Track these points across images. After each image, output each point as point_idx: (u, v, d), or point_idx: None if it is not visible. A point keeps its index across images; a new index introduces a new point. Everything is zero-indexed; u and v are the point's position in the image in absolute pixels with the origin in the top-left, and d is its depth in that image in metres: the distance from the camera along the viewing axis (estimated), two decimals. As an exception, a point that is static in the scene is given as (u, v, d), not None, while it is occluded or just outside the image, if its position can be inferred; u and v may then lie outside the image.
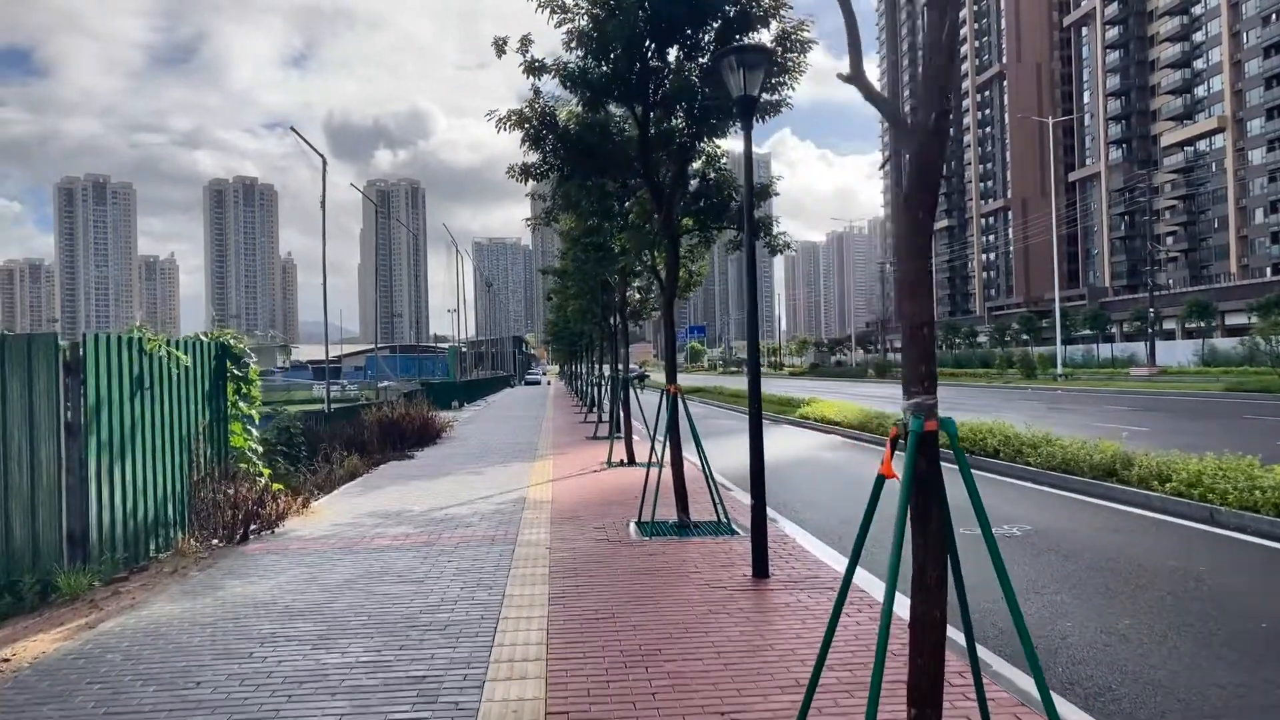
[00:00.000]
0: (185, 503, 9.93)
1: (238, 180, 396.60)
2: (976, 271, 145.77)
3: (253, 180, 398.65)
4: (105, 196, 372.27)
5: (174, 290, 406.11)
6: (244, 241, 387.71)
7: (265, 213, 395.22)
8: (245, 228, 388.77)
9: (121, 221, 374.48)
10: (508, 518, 10.63)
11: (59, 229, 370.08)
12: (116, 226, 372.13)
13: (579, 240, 20.61)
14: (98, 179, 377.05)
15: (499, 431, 25.33)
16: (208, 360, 10.79)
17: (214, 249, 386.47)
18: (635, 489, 12.67)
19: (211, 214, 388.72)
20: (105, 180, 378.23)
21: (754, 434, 7.65)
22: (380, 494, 12.97)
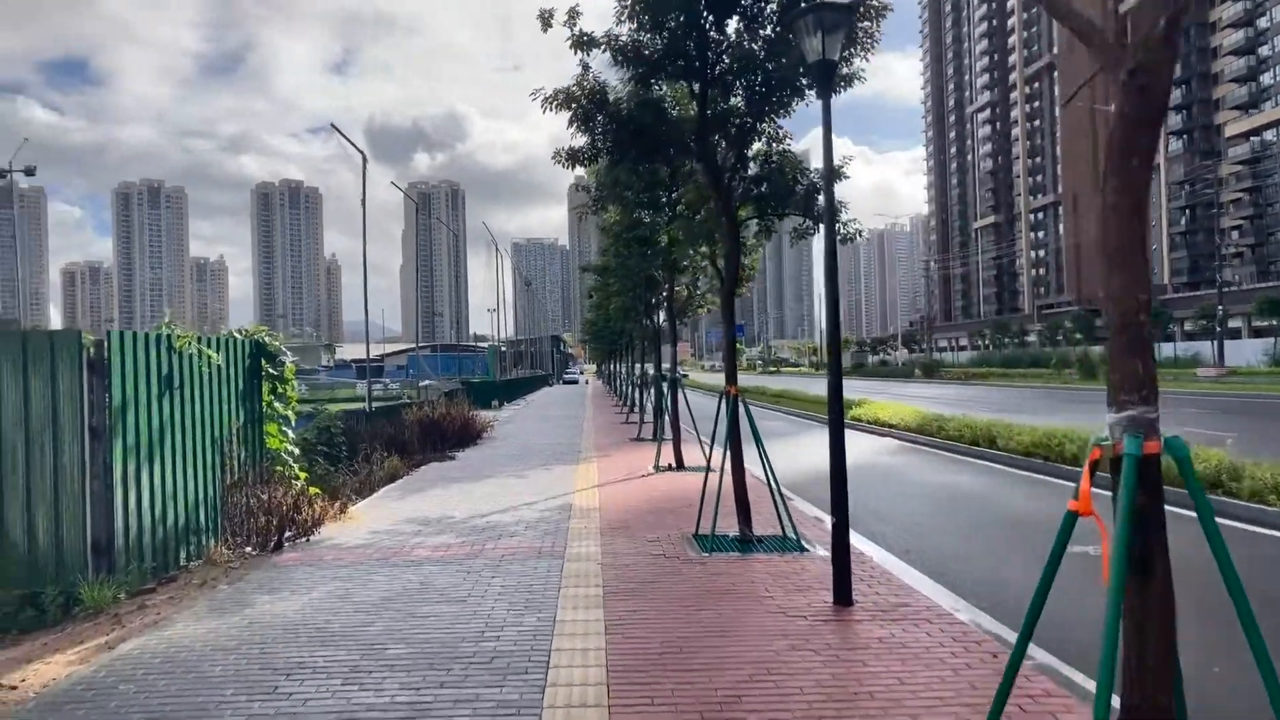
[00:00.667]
0: (218, 508, 9.40)
1: (284, 184, 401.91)
2: (1025, 269, 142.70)
3: (298, 183, 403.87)
4: (159, 200, 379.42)
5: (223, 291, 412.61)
6: (290, 243, 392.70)
7: (310, 215, 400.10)
8: (291, 230, 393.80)
9: (174, 225, 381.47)
10: (554, 527, 9.98)
11: (116, 232, 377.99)
12: (170, 229, 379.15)
13: (621, 235, 19.98)
14: (152, 184, 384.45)
15: (540, 432, 24.75)
16: (241, 358, 10.26)
17: (261, 251, 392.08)
18: (687, 497, 11.97)
19: (259, 217, 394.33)
20: (159, 185, 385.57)
21: (835, 442, 6.89)
22: (420, 498, 12.40)
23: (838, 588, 6.78)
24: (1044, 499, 12.80)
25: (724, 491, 9.39)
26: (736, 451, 9.06)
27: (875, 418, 25.16)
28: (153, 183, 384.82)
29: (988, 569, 8.56)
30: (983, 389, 51.78)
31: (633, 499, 11.94)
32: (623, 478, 14.17)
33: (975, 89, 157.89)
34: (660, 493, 12.46)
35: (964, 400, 37.60)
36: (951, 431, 19.91)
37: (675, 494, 12.30)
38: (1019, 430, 17.41)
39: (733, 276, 9.08)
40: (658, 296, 21.42)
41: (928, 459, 17.95)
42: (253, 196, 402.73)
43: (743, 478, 9.11)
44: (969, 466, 16.65)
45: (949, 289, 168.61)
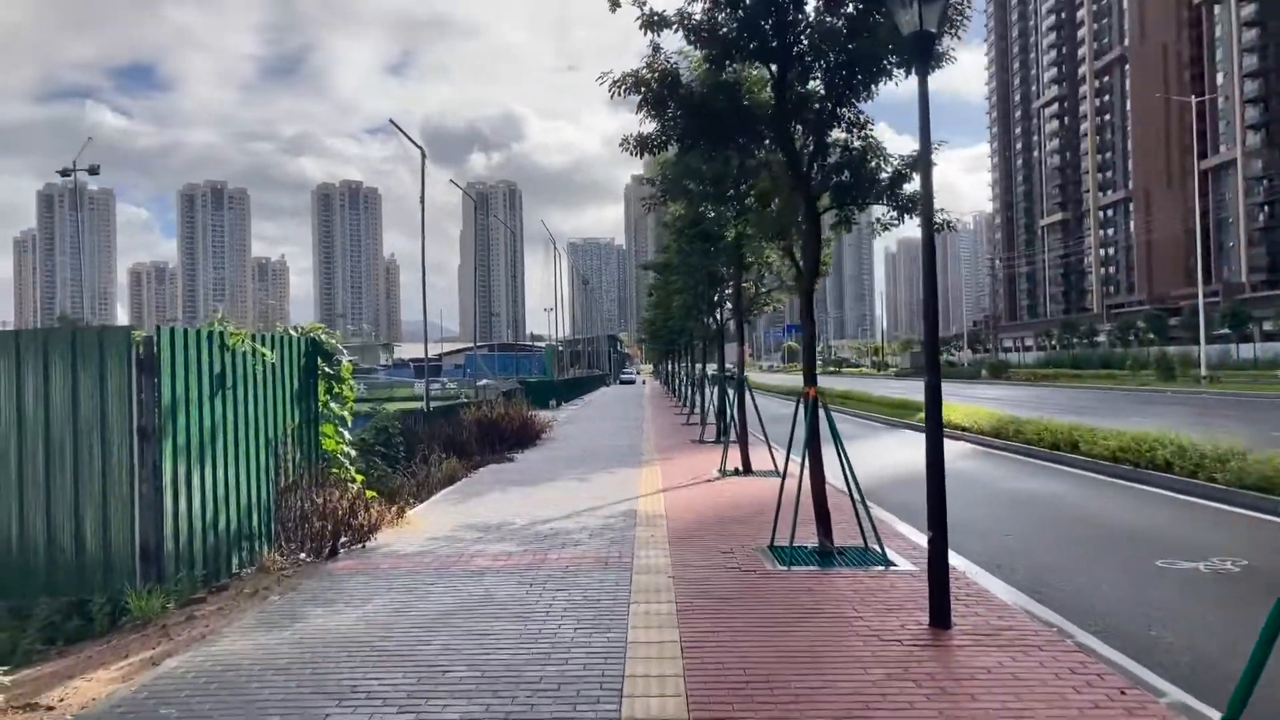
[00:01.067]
0: (271, 513, 9.07)
1: (344, 184, 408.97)
2: (1094, 267, 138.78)
3: (358, 184, 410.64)
4: (222, 202, 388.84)
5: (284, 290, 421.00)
6: (349, 243, 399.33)
7: (369, 215, 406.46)
8: (351, 230, 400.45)
9: (237, 225, 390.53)
10: (619, 535, 9.47)
11: (181, 233, 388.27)
12: (232, 230, 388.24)
13: (684, 231, 19.43)
14: (215, 185, 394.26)
15: (599, 433, 24.31)
16: (296, 357, 9.94)
17: (321, 250, 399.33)
18: (758, 503, 11.38)
19: (319, 217, 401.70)
20: (222, 186, 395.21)
21: (933, 450, 6.26)
22: (479, 502, 11.99)
23: (935, 609, 6.15)
24: (1137, 508, 11.96)
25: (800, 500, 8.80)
26: (816, 458, 8.46)
27: (947, 420, 24.17)
28: (216, 184, 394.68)
29: (1089, 586, 7.83)
30: (1053, 390, 50.17)
31: (700, 505, 11.38)
32: (688, 482, 13.62)
33: (1042, 83, 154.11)
34: (728, 499, 11.88)
35: (1035, 402, 36.30)
36: (1030, 435, 18.99)
37: (744, 500, 11.71)
38: (1104, 434, 16.48)
39: (813, 270, 8.47)
40: (721, 294, 20.84)
41: (1005, 464, 17.10)
42: (313, 197, 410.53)
43: (823, 486, 8.51)
44: (1050, 472, 15.78)
45: (1014, 288, 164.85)
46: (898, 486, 13.43)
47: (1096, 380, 58.81)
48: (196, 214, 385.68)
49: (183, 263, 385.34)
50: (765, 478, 13.86)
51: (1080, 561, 8.91)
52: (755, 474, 14.20)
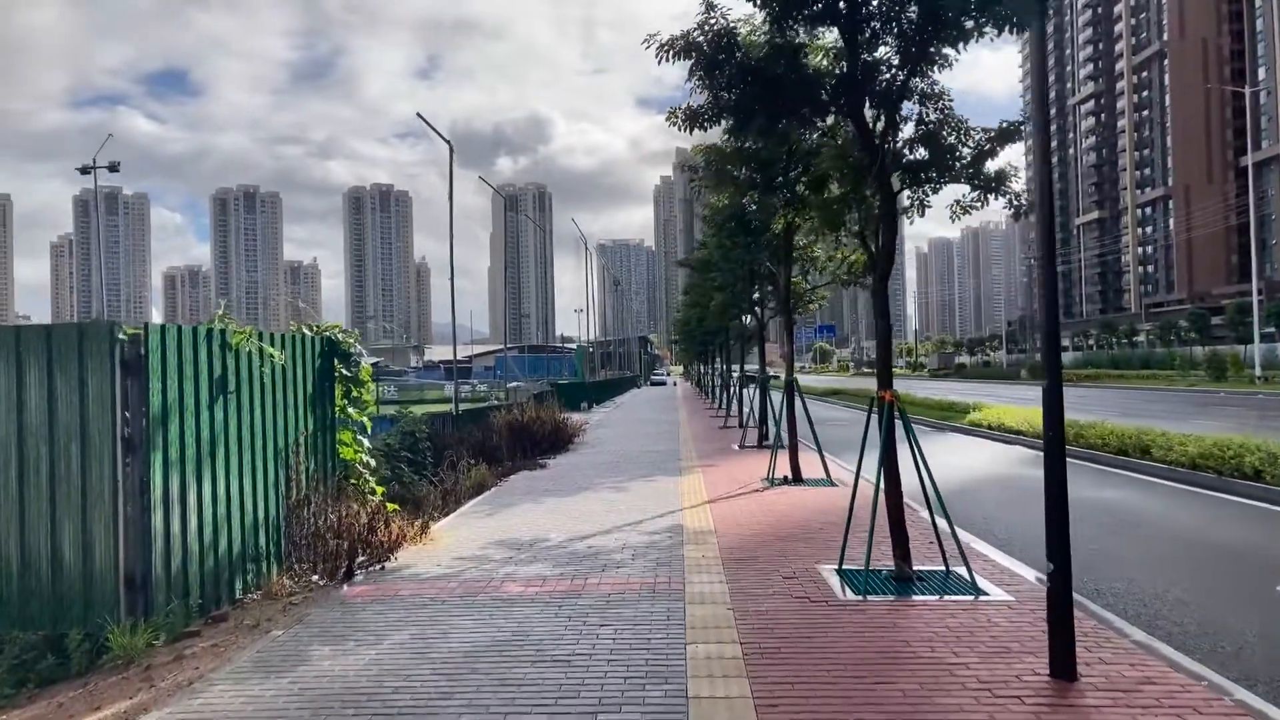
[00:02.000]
0: (280, 531, 8.19)
1: (374, 187, 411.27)
2: (1132, 266, 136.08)
3: (388, 187, 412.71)
4: (255, 205, 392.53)
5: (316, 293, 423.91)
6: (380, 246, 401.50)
7: (400, 218, 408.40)
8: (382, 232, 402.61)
9: (269, 228, 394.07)
10: (666, 554, 8.48)
11: (214, 237, 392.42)
12: (264, 233, 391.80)
13: (724, 225, 18.42)
14: (248, 189, 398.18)
15: (634, 437, 23.33)
16: (311, 358, 9.06)
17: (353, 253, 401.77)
18: (816, 517, 10.35)
19: (350, 220, 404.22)
20: (254, 190, 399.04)
21: (1052, 465, 5.23)
22: (510, 514, 11.05)
23: (1057, 657, 5.11)
24: (1231, 521, 10.80)
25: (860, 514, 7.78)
26: (892, 470, 7.43)
27: (999, 423, 23.05)
28: (248, 188, 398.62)
29: (1212, 619, 6.75)
30: (1098, 391, 48.53)
31: (752, 519, 10.36)
32: (734, 492, 12.60)
33: (1078, 80, 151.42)
34: (782, 512, 10.85)
35: (1081, 404, 34.87)
36: (1093, 439, 17.79)
37: (800, 514, 10.68)
38: (1179, 439, 15.28)
39: (889, 257, 7.44)
40: (762, 290, 19.79)
41: (1073, 472, 15.90)
42: (344, 200, 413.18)
43: (901, 501, 7.47)
44: (1121, 480, 14.59)
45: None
46: (959, 497, 12.34)
47: (1141, 381, 57.00)
48: (229, 217, 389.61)
49: (216, 266, 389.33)
50: (818, 487, 12.83)
51: (1191, 587, 7.81)
52: (806, 483, 13.17)
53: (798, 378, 15.20)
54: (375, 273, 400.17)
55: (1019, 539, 9.79)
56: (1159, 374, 61.64)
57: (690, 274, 34.53)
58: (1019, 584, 7.23)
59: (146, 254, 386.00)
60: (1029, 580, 7.36)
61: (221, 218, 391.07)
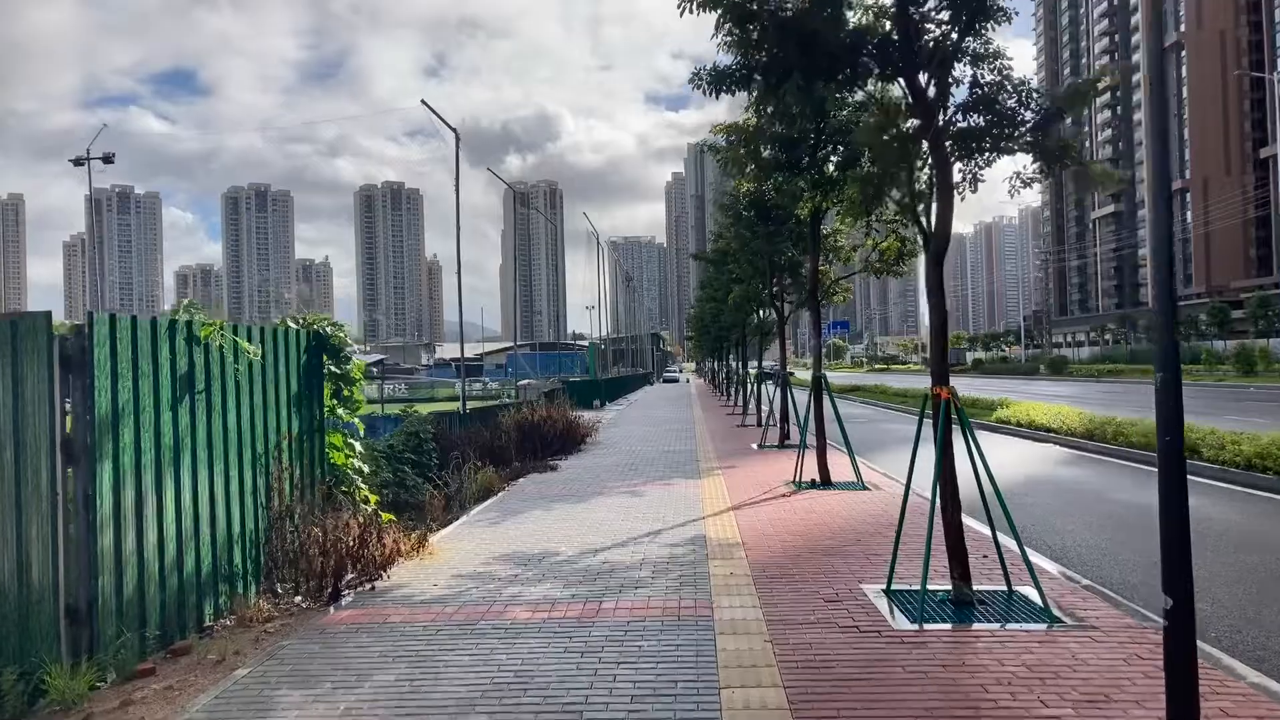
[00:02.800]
0: (259, 546, 7.33)
1: (386, 185, 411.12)
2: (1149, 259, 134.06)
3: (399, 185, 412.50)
4: (266, 204, 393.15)
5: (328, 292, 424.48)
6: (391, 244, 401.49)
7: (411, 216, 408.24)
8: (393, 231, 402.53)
9: (280, 227, 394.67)
10: (689, 571, 7.58)
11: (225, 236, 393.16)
12: (276, 232, 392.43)
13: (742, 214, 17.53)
14: (259, 187, 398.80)
15: (649, 436, 22.43)
16: (296, 353, 8.21)
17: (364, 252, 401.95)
18: (852, 526, 9.43)
19: (362, 218, 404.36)
20: (266, 189, 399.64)
21: (1170, 474, 4.30)
22: (518, 523, 10.17)
23: (1177, 711, 4.18)
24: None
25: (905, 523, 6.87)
26: (950, 477, 6.52)
27: (1028, 420, 22.04)
28: (259, 186, 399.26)
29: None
30: (1122, 386, 47.40)
31: (781, 528, 9.45)
32: (759, 497, 11.69)
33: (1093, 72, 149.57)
34: (814, 520, 9.92)
35: (1107, 399, 33.80)
36: (1134, 437, 16.80)
37: (834, 522, 9.76)
38: (1230, 438, 14.31)
39: (944, 235, 6.51)
40: (782, 282, 18.86)
41: (1111, 472, 14.93)
42: (356, 198, 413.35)
43: (959, 514, 6.55)
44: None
45: (1065, 282, 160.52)
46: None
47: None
48: (241, 216, 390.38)
49: (228, 265, 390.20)
50: (849, 491, 11.91)
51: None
52: (836, 487, 12.25)
53: (803, 375, 14.32)
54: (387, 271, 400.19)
55: (1075, 550, 8.86)
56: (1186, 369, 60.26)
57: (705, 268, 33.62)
58: (1094, 608, 6.31)
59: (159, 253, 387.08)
60: (1102, 604, 6.43)
61: (233, 216, 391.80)
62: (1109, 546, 9.05)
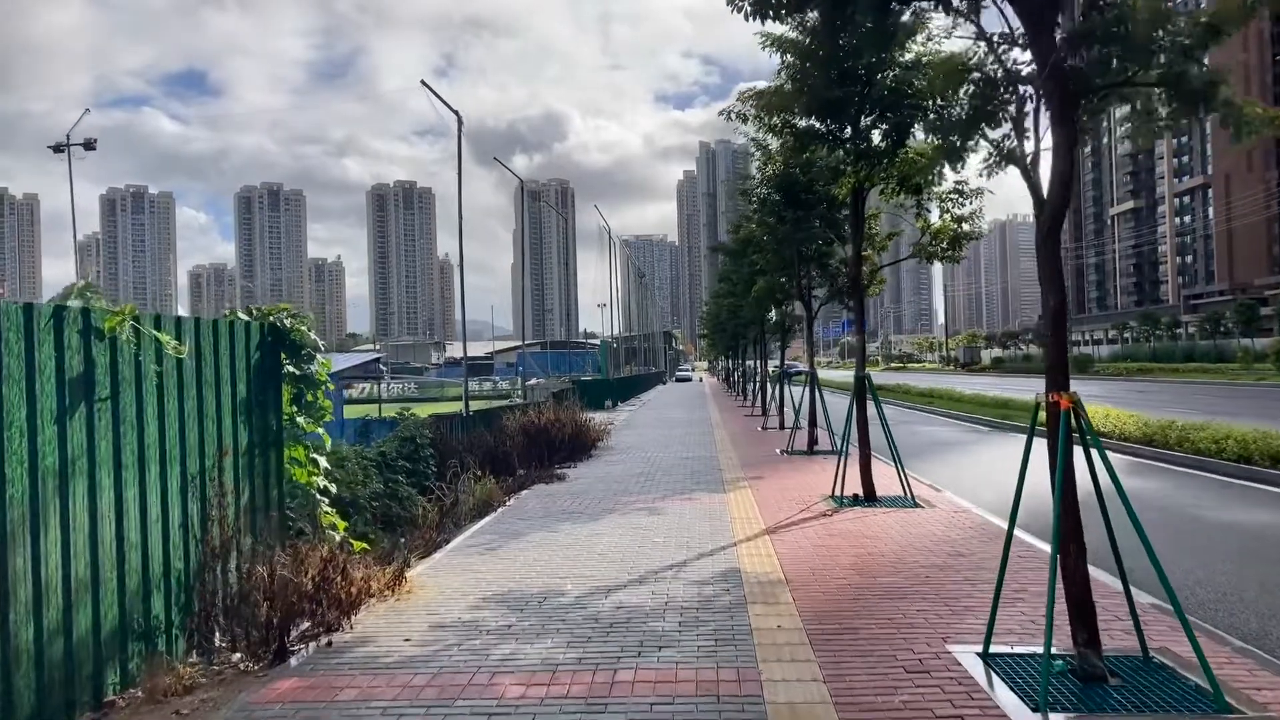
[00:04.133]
0: (189, 591, 5.88)
1: (398, 184, 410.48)
2: (1170, 257, 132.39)
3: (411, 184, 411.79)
4: (279, 203, 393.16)
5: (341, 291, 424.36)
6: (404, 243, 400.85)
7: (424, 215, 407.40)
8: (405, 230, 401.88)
9: (293, 227, 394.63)
10: (725, 621, 6.08)
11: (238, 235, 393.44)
12: (289, 231, 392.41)
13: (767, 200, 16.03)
14: (272, 187, 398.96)
15: (665, 440, 20.93)
16: (246, 350, 6.76)
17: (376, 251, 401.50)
18: (912, 556, 7.91)
19: (374, 217, 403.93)
20: (279, 188, 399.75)
21: None
22: (517, 549, 8.68)
23: None
24: None
25: (979, 551, 5.36)
26: (1071, 508, 5.01)
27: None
28: (272, 186, 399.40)
29: None
30: (1155, 385, 45.64)
31: (831, 559, 7.93)
32: (796, 516, 10.17)
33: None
34: (868, 547, 8.39)
35: (1143, 400, 32.12)
36: (1203, 444, 15.17)
37: (892, 550, 8.23)
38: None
39: (1063, 195, 4.98)
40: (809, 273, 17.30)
41: (1187, 484, 13.35)
42: (368, 197, 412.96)
43: (1084, 561, 5.04)
44: (1260, 496, 12.05)
45: (1082, 280, 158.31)
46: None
47: (1200, 375, 53.86)
48: (254, 215, 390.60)
49: (240, 264, 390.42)
50: (899, 509, 10.38)
51: None
52: (883, 503, 10.73)
53: (818, 372, 13.11)
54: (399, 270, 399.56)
55: (1190, 590, 7.32)
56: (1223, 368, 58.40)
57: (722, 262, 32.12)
58: (1266, 684, 4.78)
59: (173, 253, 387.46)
60: (1273, 678, 4.91)
61: (246, 216, 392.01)
62: (1231, 584, 7.51)
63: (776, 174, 15.64)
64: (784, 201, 15.67)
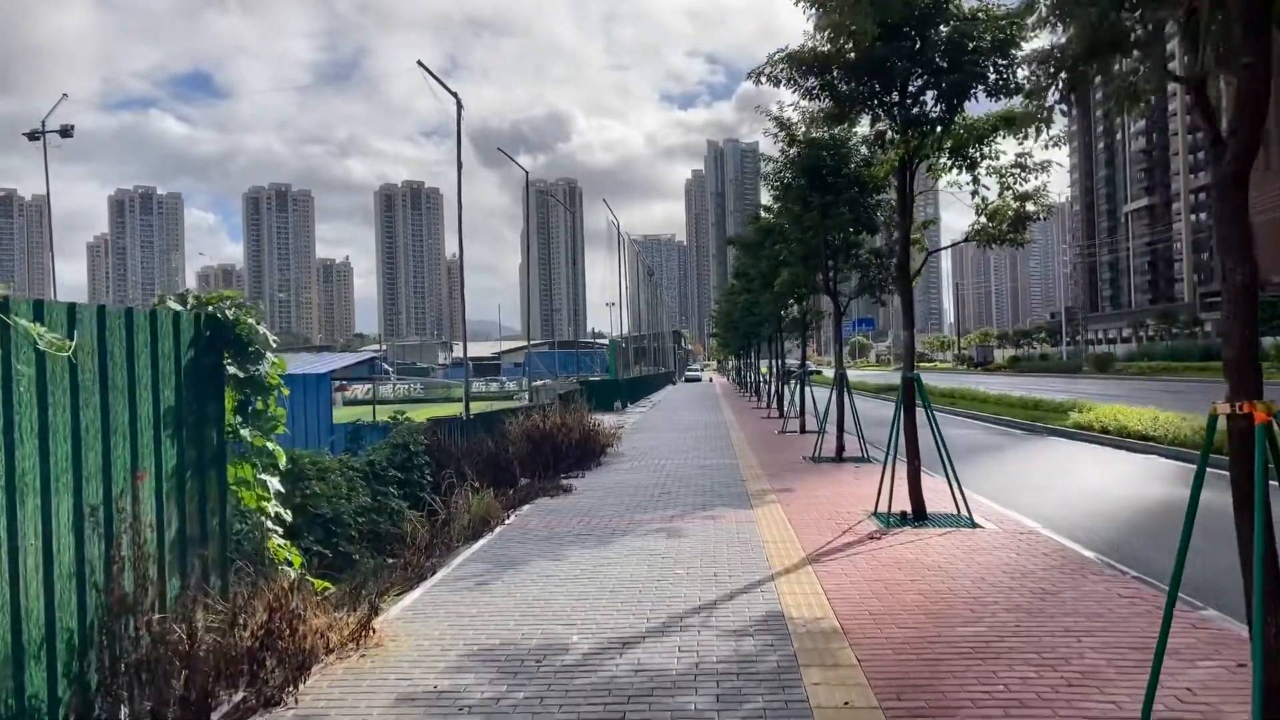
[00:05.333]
0: (86, 653, 4.56)
1: (406, 185, 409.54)
2: (1185, 254, 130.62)
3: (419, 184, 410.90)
4: (287, 204, 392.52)
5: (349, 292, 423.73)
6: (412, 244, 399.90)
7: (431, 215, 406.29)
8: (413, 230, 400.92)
9: (301, 227, 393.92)
10: (775, 696, 4.72)
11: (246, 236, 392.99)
12: (297, 232, 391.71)
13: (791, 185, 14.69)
14: (280, 187, 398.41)
15: (680, 445, 19.57)
16: (174, 349, 5.44)
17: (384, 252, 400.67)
18: (990, 595, 6.52)
19: (382, 218, 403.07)
20: (287, 188, 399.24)
21: None
22: (513, 582, 7.33)
23: None
24: None
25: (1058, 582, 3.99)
26: (1271, 560, 3.63)
27: (1118, 426, 18.96)
28: (280, 186, 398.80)
29: None
30: (1183, 384, 44.10)
31: (891, 598, 6.55)
32: (839, 539, 8.79)
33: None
34: (934, 583, 7.00)
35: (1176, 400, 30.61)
36: None
37: (962, 586, 6.84)
38: None
39: (1254, 131, 3.62)
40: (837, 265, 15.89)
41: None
42: (376, 198, 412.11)
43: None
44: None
45: (1095, 278, 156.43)
46: (1152, 543, 8.49)
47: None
48: (262, 216, 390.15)
49: (249, 265, 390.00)
50: (956, 530, 8.99)
51: None
52: (935, 522, 9.34)
53: (828, 373, 11.76)
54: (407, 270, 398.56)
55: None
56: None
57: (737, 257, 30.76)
58: None
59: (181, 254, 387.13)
60: None
61: (254, 217, 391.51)
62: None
63: (802, 155, 14.30)
64: (809, 185, 14.32)
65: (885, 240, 15.30)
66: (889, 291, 15.28)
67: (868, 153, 14.10)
